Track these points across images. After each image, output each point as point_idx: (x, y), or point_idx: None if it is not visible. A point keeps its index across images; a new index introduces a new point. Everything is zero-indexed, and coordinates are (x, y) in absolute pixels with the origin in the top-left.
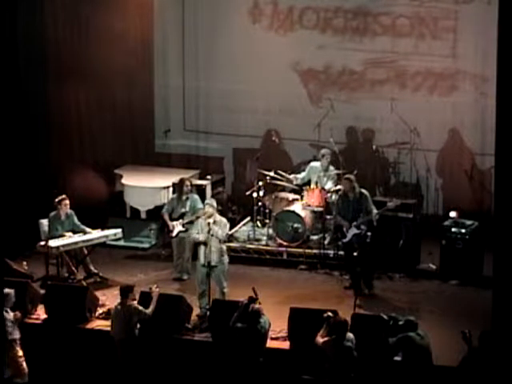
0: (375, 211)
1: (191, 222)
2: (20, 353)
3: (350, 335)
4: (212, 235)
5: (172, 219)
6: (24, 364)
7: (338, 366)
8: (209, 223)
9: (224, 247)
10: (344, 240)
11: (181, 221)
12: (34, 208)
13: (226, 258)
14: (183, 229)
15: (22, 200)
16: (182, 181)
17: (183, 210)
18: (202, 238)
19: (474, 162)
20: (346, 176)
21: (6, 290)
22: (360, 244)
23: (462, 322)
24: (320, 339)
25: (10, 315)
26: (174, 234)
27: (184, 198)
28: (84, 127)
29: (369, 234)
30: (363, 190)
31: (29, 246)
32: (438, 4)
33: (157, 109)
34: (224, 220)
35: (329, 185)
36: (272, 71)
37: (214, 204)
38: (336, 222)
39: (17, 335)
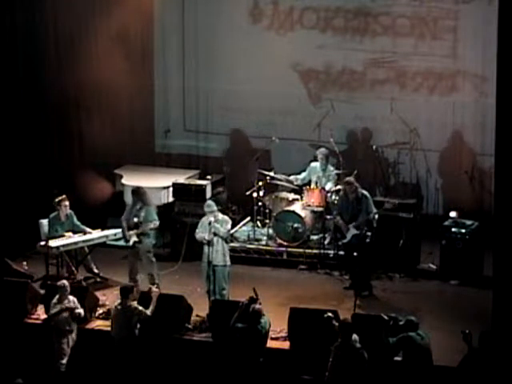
0: (374, 211)
1: (144, 234)
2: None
3: (355, 336)
4: (215, 233)
5: (129, 228)
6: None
7: (348, 369)
8: (210, 222)
9: (227, 249)
10: (343, 241)
11: (135, 231)
12: (34, 208)
13: (227, 260)
14: (137, 239)
15: (22, 200)
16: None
17: (136, 220)
18: (207, 237)
19: (474, 162)
20: (346, 180)
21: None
22: (359, 244)
23: (462, 322)
24: None
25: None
26: (131, 243)
27: (138, 207)
28: (84, 127)
29: (368, 234)
30: (364, 192)
31: (29, 246)
32: (437, 4)
33: (157, 109)
34: (225, 217)
35: (329, 185)
36: (272, 71)
37: (213, 207)
38: (335, 223)
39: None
